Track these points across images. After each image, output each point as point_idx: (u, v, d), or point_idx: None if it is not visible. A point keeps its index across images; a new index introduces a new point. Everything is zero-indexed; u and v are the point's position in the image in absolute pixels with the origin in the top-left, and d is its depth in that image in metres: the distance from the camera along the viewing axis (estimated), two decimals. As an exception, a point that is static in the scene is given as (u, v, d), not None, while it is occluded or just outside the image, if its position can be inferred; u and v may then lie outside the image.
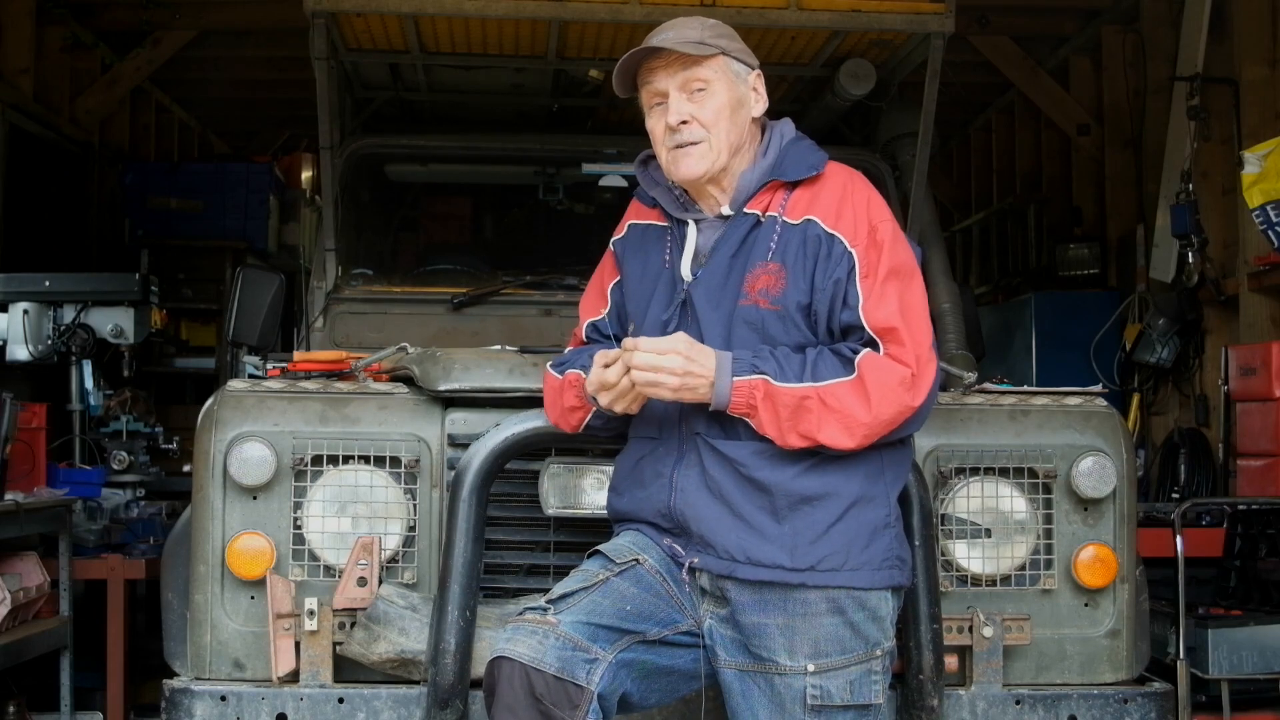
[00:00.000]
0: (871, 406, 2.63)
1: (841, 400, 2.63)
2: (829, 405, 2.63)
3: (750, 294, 2.74)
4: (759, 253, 2.76)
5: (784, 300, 2.72)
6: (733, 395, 2.66)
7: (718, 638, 2.78)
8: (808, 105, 5.25)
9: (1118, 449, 3.32)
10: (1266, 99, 6.68)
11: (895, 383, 2.65)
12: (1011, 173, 9.91)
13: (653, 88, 2.82)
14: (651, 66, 2.81)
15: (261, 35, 8.75)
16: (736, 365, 2.67)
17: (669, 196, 2.90)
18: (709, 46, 2.78)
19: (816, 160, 2.83)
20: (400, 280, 5.09)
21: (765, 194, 2.81)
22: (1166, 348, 7.47)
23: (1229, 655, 4.49)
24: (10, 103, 7.55)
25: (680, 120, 2.78)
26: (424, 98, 5.42)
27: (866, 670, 2.73)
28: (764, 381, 2.65)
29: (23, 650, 4.70)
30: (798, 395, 2.63)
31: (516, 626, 2.72)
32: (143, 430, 5.84)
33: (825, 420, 2.63)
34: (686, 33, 2.79)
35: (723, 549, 2.72)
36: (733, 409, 2.67)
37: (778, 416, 2.64)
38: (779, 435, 2.65)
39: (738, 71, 2.82)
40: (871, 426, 2.65)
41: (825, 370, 2.66)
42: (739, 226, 2.80)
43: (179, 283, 8.56)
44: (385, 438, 3.22)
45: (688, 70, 2.78)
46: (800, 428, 2.64)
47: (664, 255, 2.89)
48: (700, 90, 2.78)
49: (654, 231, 2.94)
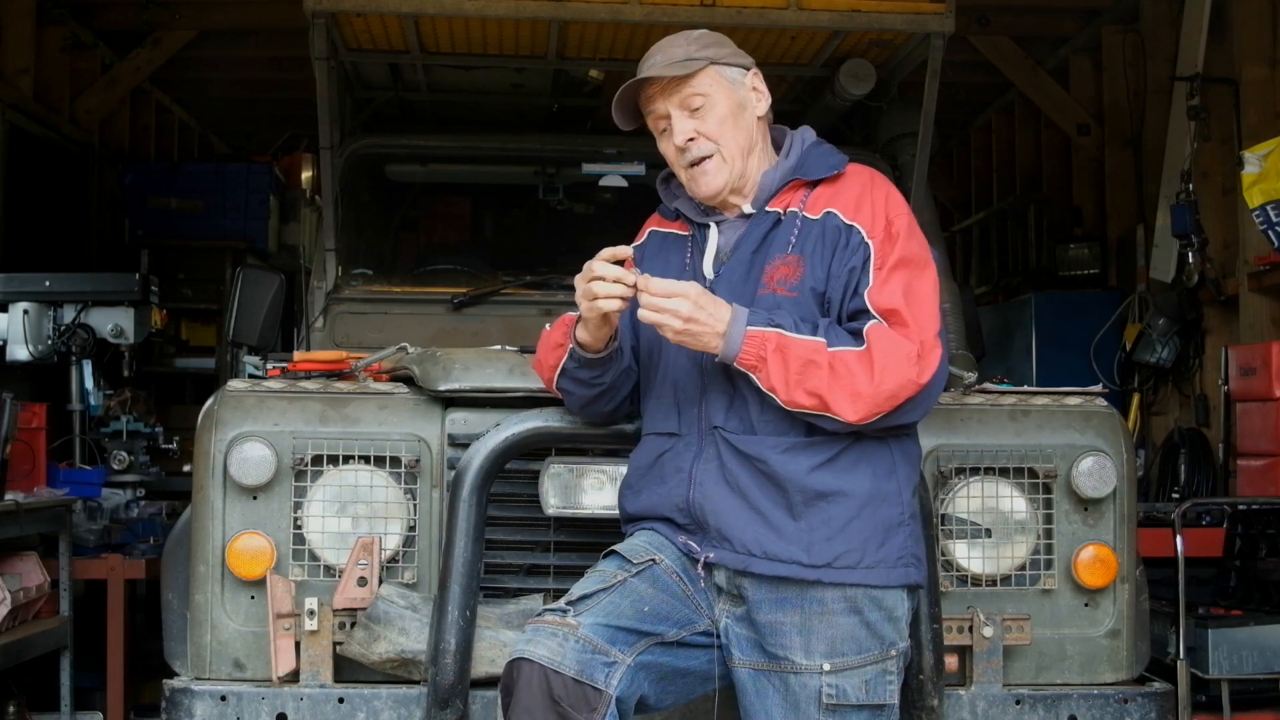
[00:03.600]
0: (874, 376, 2.62)
1: (849, 367, 2.63)
2: (836, 370, 2.63)
3: (769, 284, 2.76)
4: (779, 246, 2.79)
5: (800, 287, 2.74)
6: (745, 344, 2.64)
7: (733, 636, 2.78)
8: (808, 105, 5.25)
9: (1118, 449, 3.32)
10: (1266, 99, 6.68)
11: (901, 355, 2.64)
12: (1011, 173, 9.91)
13: (654, 113, 2.86)
14: (648, 94, 2.85)
15: (261, 35, 8.74)
16: (752, 317, 2.66)
17: (691, 205, 2.93)
18: (696, 60, 2.80)
19: (837, 161, 2.86)
20: (400, 280, 5.10)
21: (786, 193, 2.84)
22: (1166, 348, 7.47)
23: (1229, 655, 4.49)
24: (10, 103, 7.55)
25: (687, 139, 2.81)
26: (424, 98, 5.42)
27: (882, 670, 2.73)
28: (778, 333, 2.64)
29: (23, 650, 4.70)
30: (810, 348, 2.63)
31: (536, 628, 2.71)
32: (143, 430, 5.83)
33: (833, 384, 2.62)
34: (672, 53, 2.81)
35: (740, 543, 2.72)
36: (741, 360, 2.65)
37: (787, 370, 2.63)
38: (785, 389, 2.64)
39: (732, 77, 2.84)
40: (875, 399, 2.63)
41: (835, 338, 2.67)
42: (760, 224, 2.83)
43: (179, 283, 8.57)
44: (385, 438, 3.22)
45: (682, 89, 2.81)
46: (808, 383, 2.62)
47: (685, 259, 2.92)
48: (699, 106, 2.81)
49: (675, 239, 2.97)
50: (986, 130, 10.50)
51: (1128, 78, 8.25)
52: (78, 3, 8.29)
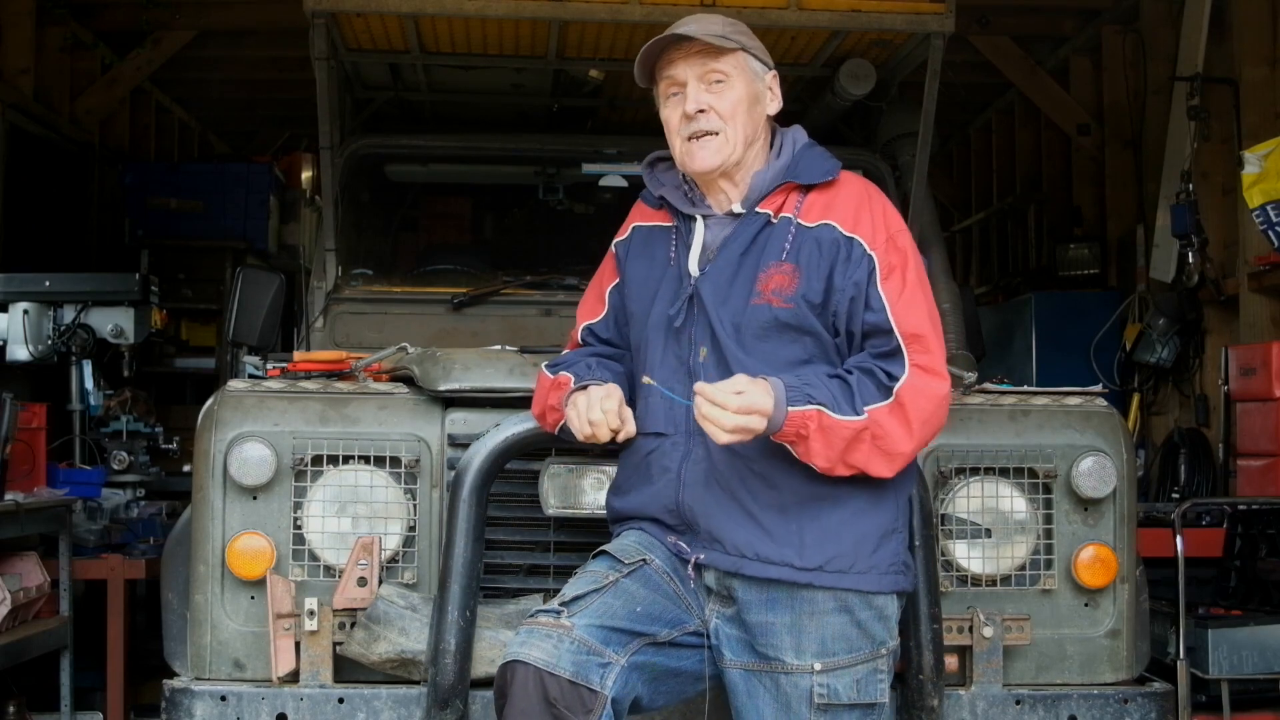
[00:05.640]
0: (914, 434, 2.64)
1: (886, 430, 2.63)
2: (877, 437, 2.63)
3: (764, 293, 2.74)
4: (772, 253, 2.76)
5: (795, 298, 2.72)
6: (785, 425, 2.61)
7: (724, 637, 2.77)
8: (808, 105, 5.25)
9: (1118, 449, 3.32)
10: (1266, 99, 6.68)
11: (934, 407, 2.66)
12: (1011, 173, 9.91)
13: (672, 77, 2.83)
14: (672, 57, 2.82)
15: (261, 35, 8.74)
16: (791, 395, 2.62)
17: (677, 194, 2.90)
18: (731, 41, 2.79)
19: (831, 167, 2.84)
20: (400, 280, 5.09)
21: (778, 195, 2.81)
22: (1166, 348, 7.47)
23: (1229, 655, 4.49)
24: (10, 103, 7.55)
25: (698, 109, 2.78)
26: (424, 98, 5.42)
27: (873, 669, 2.73)
28: (819, 412, 2.61)
29: (23, 650, 4.70)
30: (854, 429, 2.61)
31: (530, 630, 2.71)
32: (143, 430, 5.83)
33: (873, 453, 2.63)
34: (710, 25, 2.80)
35: (731, 545, 2.71)
36: (780, 437, 2.63)
37: (829, 448, 2.61)
38: (826, 463, 2.63)
39: (756, 69, 2.84)
40: (911, 454, 2.68)
41: (867, 394, 2.65)
42: (749, 225, 2.81)
43: (179, 283, 8.56)
44: (385, 438, 3.22)
45: (708, 62, 2.79)
46: (850, 458, 2.63)
47: (670, 252, 2.89)
48: (719, 82, 2.79)
49: (659, 232, 2.94)
50: (986, 130, 10.50)
51: (1128, 78, 8.25)
52: (78, 3, 8.30)
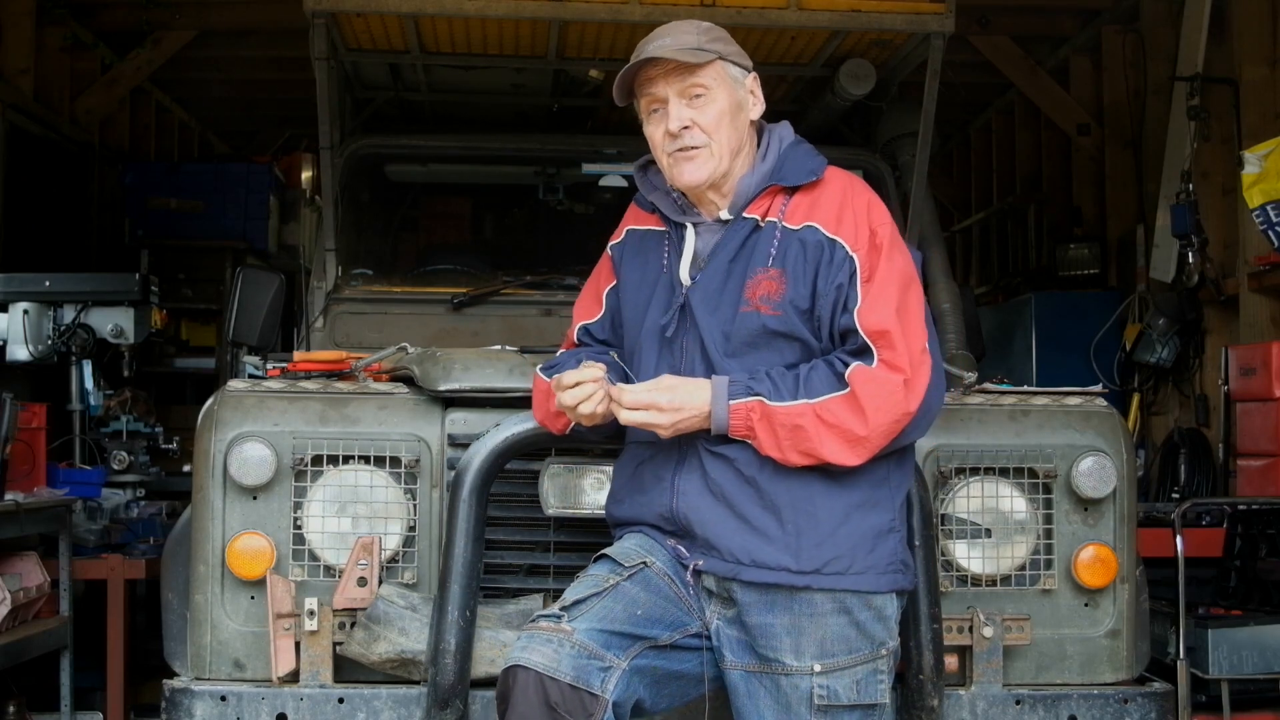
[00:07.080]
0: (868, 419, 2.63)
1: (837, 415, 2.63)
2: (825, 421, 2.62)
3: (752, 300, 2.73)
4: (759, 258, 2.75)
5: (784, 305, 2.71)
6: (730, 418, 2.66)
7: (724, 639, 2.77)
8: (808, 105, 5.25)
9: (1118, 449, 3.32)
10: (1266, 99, 6.68)
11: (887, 392, 2.64)
12: (1011, 173, 9.91)
13: (652, 94, 2.80)
14: (650, 75, 2.79)
15: (261, 35, 8.75)
16: (732, 389, 2.66)
17: (667, 201, 2.89)
18: (706, 52, 2.76)
19: (816, 165, 2.81)
20: (400, 280, 5.09)
21: (764, 198, 2.79)
22: (1166, 348, 7.48)
23: (1229, 655, 4.49)
24: (10, 103, 7.55)
25: (681, 126, 2.76)
26: (424, 98, 5.42)
27: (873, 670, 2.73)
28: (759, 402, 2.64)
29: (23, 650, 4.70)
30: (794, 413, 2.63)
31: (531, 634, 2.71)
32: (143, 430, 5.83)
33: (824, 437, 2.62)
34: (684, 39, 2.76)
35: (727, 551, 2.71)
36: (733, 432, 2.67)
37: (776, 436, 2.64)
38: (780, 455, 2.65)
39: (735, 76, 2.81)
40: (871, 439, 2.64)
41: (819, 385, 2.65)
42: (738, 231, 2.79)
43: (179, 283, 8.56)
44: (385, 438, 3.22)
45: (687, 76, 2.76)
46: (801, 446, 2.64)
47: (662, 259, 2.88)
48: (699, 96, 2.76)
49: (652, 236, 2.93)
50: (986, 130, 10.50)
51: (1128, 78, 8.25)
52: (78, 3, 8.30)
